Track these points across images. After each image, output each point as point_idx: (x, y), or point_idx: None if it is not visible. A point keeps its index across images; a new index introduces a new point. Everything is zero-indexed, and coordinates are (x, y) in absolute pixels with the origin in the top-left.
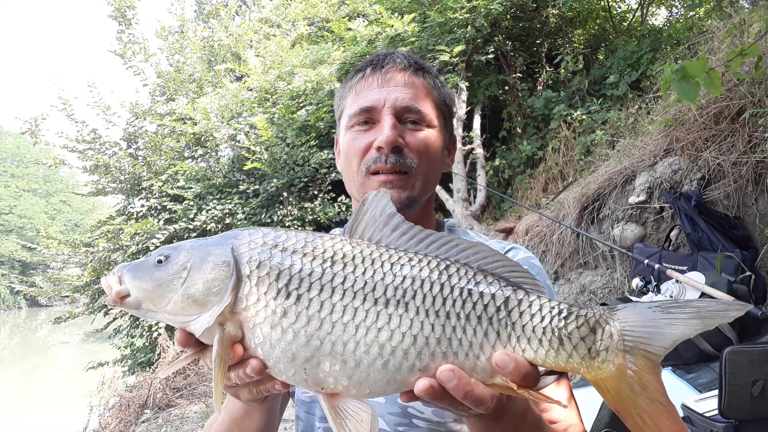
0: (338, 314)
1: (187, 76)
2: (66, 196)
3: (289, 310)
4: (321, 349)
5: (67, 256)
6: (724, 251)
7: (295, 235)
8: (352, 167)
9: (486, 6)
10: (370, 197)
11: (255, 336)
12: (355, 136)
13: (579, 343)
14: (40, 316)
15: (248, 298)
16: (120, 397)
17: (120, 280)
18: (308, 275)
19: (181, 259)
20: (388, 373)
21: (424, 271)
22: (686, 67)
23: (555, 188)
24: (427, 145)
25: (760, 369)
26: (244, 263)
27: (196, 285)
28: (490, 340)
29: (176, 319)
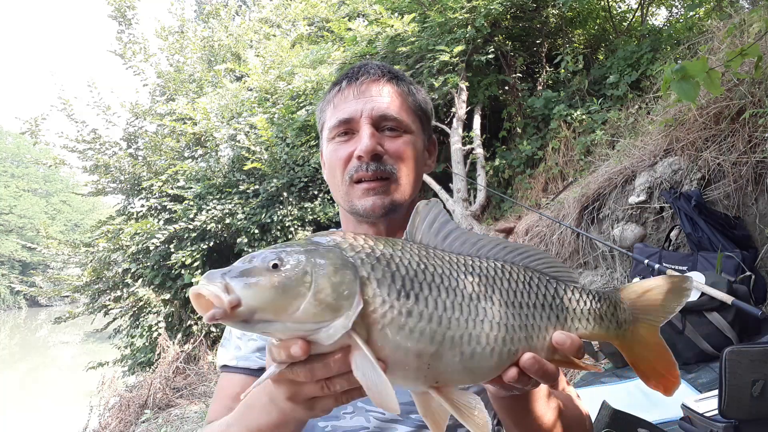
0: (450, 311)
1: (187, 76)
2: (66, 196)
3: (412, 310)
4: (443, 344)
5: (67, 256)
6: (724, 251)
7: (374, 239)
8: (336, 177)
9: (486, 6)
10: (421, 206)
11: (382, 338)
12: (336, 147)
13: (611, 318)
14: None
15: (374, 300)
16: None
17: (227, 289)
18: (415, 276)
19: (299, 263)
20: (493, 360)
21: (492, 270)
22: (686, 67)
23: (555, 188)
24: (405, 150)
25: (760, 369)
26: (360, 266)
27: (325, 290)
28: (552, 322)
29: (303, 327)
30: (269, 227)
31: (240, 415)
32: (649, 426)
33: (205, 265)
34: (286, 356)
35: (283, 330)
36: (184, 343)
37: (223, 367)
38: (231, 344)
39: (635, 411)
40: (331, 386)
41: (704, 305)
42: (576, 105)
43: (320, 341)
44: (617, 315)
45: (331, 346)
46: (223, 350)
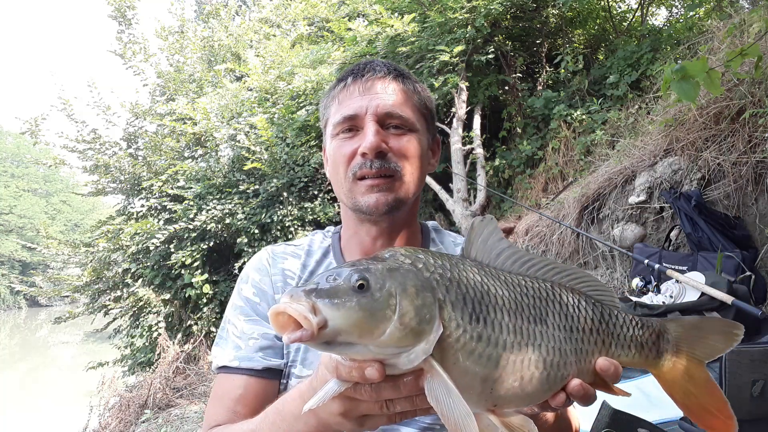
0: (513, 335)
1: (187, 76)
2: (66, 196)
3: (482, 335)
4: (506, 369)
5: (67, 256)
6: (724, 251)
7: (437, 255)
8: (339, 174)
9: (486, 6)
10: (477, 222)
11: (453, 361)
12: (340, 144)
13: (652, 346)
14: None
15: (450, 324)
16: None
17: (314, 309)
18: (482, 298)
19: (384, 285)
20: (547, 384)
21: (545, 292)
22: (686, 67)
23: (555, 188)
24: (410, 148)
25: (760, 369)
26: (437, 288)
27: (409, 313)
28: (598, 347)
29: (385, 351)
30: (269, 227)
31: (270, 423)
32: (649, 426)
33: (205, 265)
34: (359, 377)
35: (365, 353)
36: (184, 343)
37: (222, 368)
38: (229, 343)
39: (635, 411)
40: (392, 407)
41: (704, 305)
42: (576, 105)
43: (398, 365)
44: (659, 344)
45: (404, 369)
46: (219, 350)
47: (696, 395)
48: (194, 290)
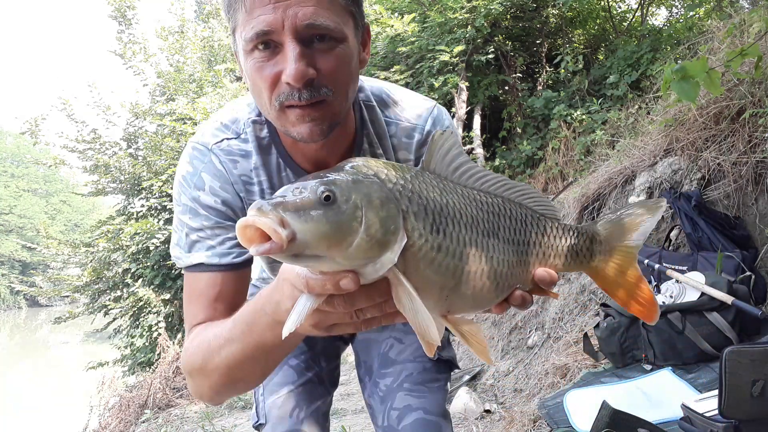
0: (469, 247)
1: (187, 76)
2: (66, 196)
3: (441, 245)
4: (461, 278)
5: (67, 256)
6: (724, 251)
7: (397, 167)
8: (263, 98)
9: (486, 6)
10: (437, 135)
11: (413, 270)
12: (258, 66)
13: (586, 251)
14: (40, 316)
15: (413, 234)
16: (120, 397)
17: (282, 222)
18: (441, 211)
19: (350, 197)
20: (495, 294)
21: (497, 207)
22: (686, 67)
23: (555, 188)
24: (341, 64)
25: (760, 369)
26: (400, 198)
27: (375, 225)
28: (538, 258)
29: (352, 262)
30: None
31: (240, 333)
32: (649, 426)
33: None
34: (333, 288)
35: (332, 265)
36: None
37: (197, 266)
38: (197, 245)
39: (635, 411)
40: (361, 315)
41: (704, 305)
42: (576, 105)
43: (365, 276)
44: (593, 248)
45: (371, 279)
46: (185, 250)
47: (626, 288)
48: None
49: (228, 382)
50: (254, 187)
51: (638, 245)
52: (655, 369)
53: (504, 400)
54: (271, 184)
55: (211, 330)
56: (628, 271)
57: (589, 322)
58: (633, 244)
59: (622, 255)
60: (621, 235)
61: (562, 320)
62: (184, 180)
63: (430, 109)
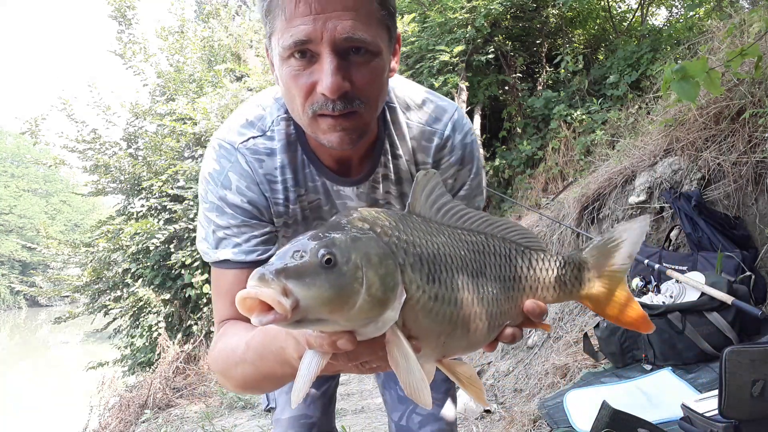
0: (462, 291)
1: (187, 76)
2: (66, 196)
3: (438, 294)
4: (457, 323)
5: (67, 256)
6: (724, 251)
7: (383, 214)
8: (296, 104)
9: (486, 6)
10: (420, 177)
11: (412, 321)
12: (294, 74)
13: (575, 281)
14: (40, 316)
15: (411, 288)
16: (120, 397)
17: (285, 291)
18: (434, 258)
19: (350, 258)
20: (488, 334)
21: (482, 245)
22: (686, 67)
23: (555, 188)
24: (374, 78)
25: (760, 369)
26: (396, 252)
27: (375, 284)
28: (526, 292)
29: (354, 324)
30: None
31: (252, 360)
32: (649, 426)
33: (206, 265)
34: (330, 349)
35: (334, 327)
36: (184, 343)
37: (223, 262)
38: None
39: (635, 411)
40: (366, 366)
41: (704, 305)
42: (576, 105)
43: (366, 334)
44: (581, 276)
45: (370, 336)
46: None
47: (616, 308)
48: (194, 290)
49: (247, 390)
50: (278, 185)
51: (626, 268)
52: (655, 369)
53: (504, 400)
54: (296, 180)
55: (232, 340)
56: (618, 293)
57: (589, 322)
58: (620, 268)
59: (610, 279)
60: (607, 260)
61: (562, 320)
62: (210, 177)
63: (451, 113)
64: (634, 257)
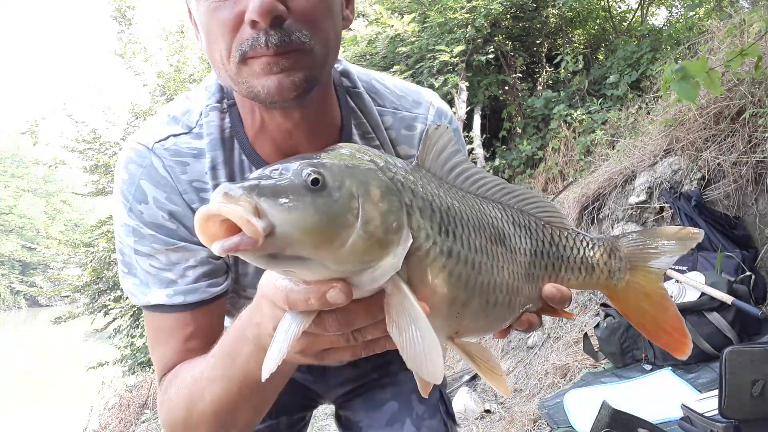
0: (480, 254)
1: (187, 76)
2: (66, 196)
3: (452, 249)
4: (474, 291)
5: (67, 256)
6: (724, 251)
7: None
8: (219, 51)
9: (486, 6)
10: (431, 130)
11: (420, 280)
12: (214, 7)
13: (603, 267)
14: (40, 316)
15: (420, 235)
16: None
17: (257, 211)
18: (448, 210)
19: (343, 183)
20: (507, 311)
21: (500, 213)
22: (686, 67)
23: (555, 188)
24: (317, 5)
25: (760, 369)
26: (402, 190)
27: (375, 219)
28: (548, 272)
29: (345, 267)
30: None
31: (222, 369)
32: (649, 426)
33: None
34: (319, 303)
35: (319, 270)
36: None
37: (157, 307)
38: (152, 278)
39: (635, 411)
40: (359, 337)
41: (704, 305)
42: (576, 105)
43: (360, 285)
44: (610, 264)
45: (370, 290)
46: (138, 285)
47: (651, 313)
48: None
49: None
50: (209, 194)
51: (663, 269)
52: (655, 369)
53: (504, 400)
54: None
55: (189, 372)
56: (653, 294)
57: (589, 322)
58: (658, 267)
59: (645, 277)
60: (646, 255)
61: (562, 320)
62: (121, 192)
63: (430, 98)
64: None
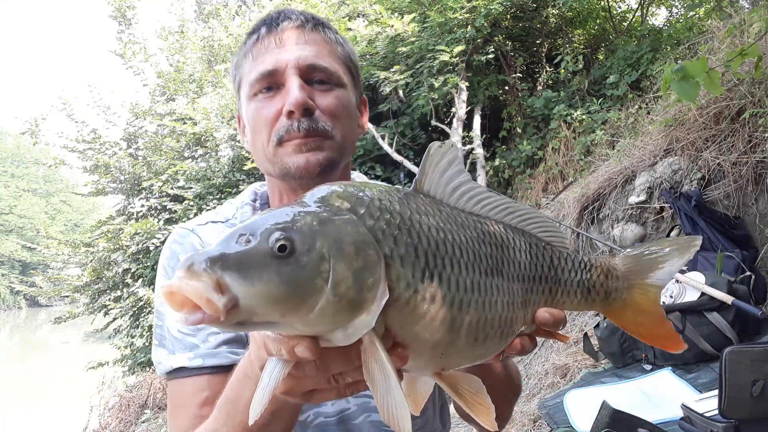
0: (470, 292)
1: (187, 76)
2: (66, 196)
3: (435, 295)
4: (460, 331)
5: (67, 256)
6: (724, 251)
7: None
8: (261, 140)
9: (486, 6)
10: (434, 148)
11: (399, 327)
12: (259, 106)
13: (600, 289)
14: (40, 316)
15: (398, 285)
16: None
17: (219, 286)
18: (437, 249)
19: (313, 245)
20: (499, 343)
21: (500, 238)
22: (686, 67)
23: (555, 188)
24: (339, 105)
25: (760, 369)
26: (382, 239)
27: (347, 281)
28: (544, 296)
29: (314, 329)
30: None
31: (226, 416)
32: (649, 426)
33: None
34: (288, 356)
35: (290, 331)
36: None
37: (178, 370)
38: (178, 343)
39: (635, 411)
40: (340, 380)
41: (704, 305)
42: (576, 105)
43: (333, 341)
44: (606, 285)
45: (345, 344)
46: (166, 352)
47: (646, 326)
48: None
49: None
50: None
51: (662, 285)
52: (655, 369)
53: None
54: None
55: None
56: (649, 311)
57: (589, 322)
58: (657, 283)
59: (643, 294)
60: (643, 272)
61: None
62: (162, 266)
63: None
64: (672, 276)
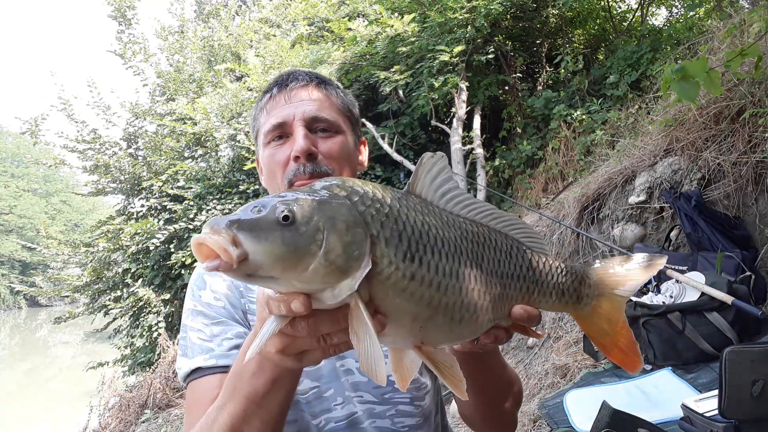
0: (448, 278)
1: (187, 76)
2: (66, 196)
3: (416, 274)
4: (438, 309)
5: (67, 256)
6: (724, 251)
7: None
8: (275, 181)
9: (486, 6)
10: (426, 158)
11: (382, 297)
12: (273, 152)
13: (573, 293)
14: (40, 316)
15: (382, 261)
16: (120, 397)
17: (234, 241)
18: (420, 238)
19: (312, 218)
20: (476, 327)
21: (482, 237)
22: (686, 67)
23: (555, 188)
24: (338, 149)
25: (760, 369)
26: (371, 223)
27: (336, 250)
28: (522, 293)
29: (308, 286)
30: None
31: (232, 389)
32: (649, 426)
33: None
34: (285, 311)
35: (287, 287)
36: None
37: (196, 371)
38: (197, 348)
39: (635, 411)
40: (328, 340)
41: (704, 305)
42: (576, 105)
43: (323, 300)
44: (580, 290)
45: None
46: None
47: (610, 335)
48: None
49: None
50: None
51: (627, 296)
52: (655, 369)
53: None
54: None
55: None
56: (614, 319)
57: None
58: (622, 294)
59: (610, 303)
60: (612, 283)
61: (562, 320)
62: (190, 288)
63: None
64: (637, 289)
